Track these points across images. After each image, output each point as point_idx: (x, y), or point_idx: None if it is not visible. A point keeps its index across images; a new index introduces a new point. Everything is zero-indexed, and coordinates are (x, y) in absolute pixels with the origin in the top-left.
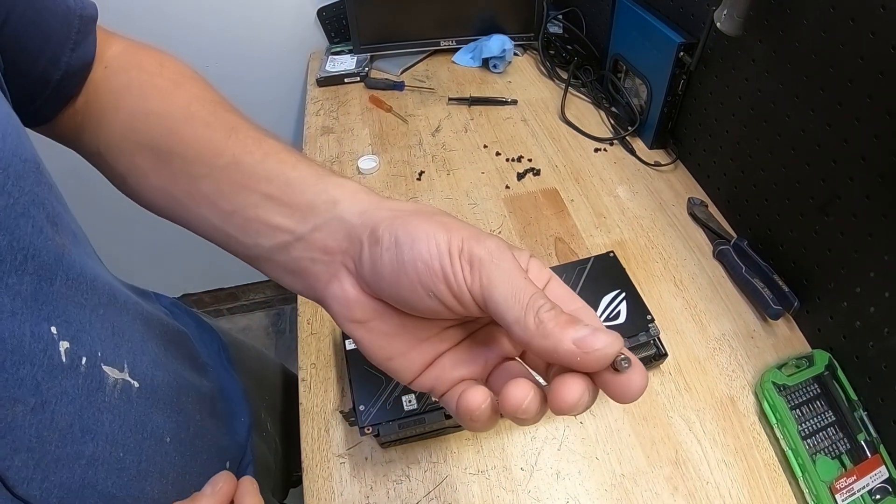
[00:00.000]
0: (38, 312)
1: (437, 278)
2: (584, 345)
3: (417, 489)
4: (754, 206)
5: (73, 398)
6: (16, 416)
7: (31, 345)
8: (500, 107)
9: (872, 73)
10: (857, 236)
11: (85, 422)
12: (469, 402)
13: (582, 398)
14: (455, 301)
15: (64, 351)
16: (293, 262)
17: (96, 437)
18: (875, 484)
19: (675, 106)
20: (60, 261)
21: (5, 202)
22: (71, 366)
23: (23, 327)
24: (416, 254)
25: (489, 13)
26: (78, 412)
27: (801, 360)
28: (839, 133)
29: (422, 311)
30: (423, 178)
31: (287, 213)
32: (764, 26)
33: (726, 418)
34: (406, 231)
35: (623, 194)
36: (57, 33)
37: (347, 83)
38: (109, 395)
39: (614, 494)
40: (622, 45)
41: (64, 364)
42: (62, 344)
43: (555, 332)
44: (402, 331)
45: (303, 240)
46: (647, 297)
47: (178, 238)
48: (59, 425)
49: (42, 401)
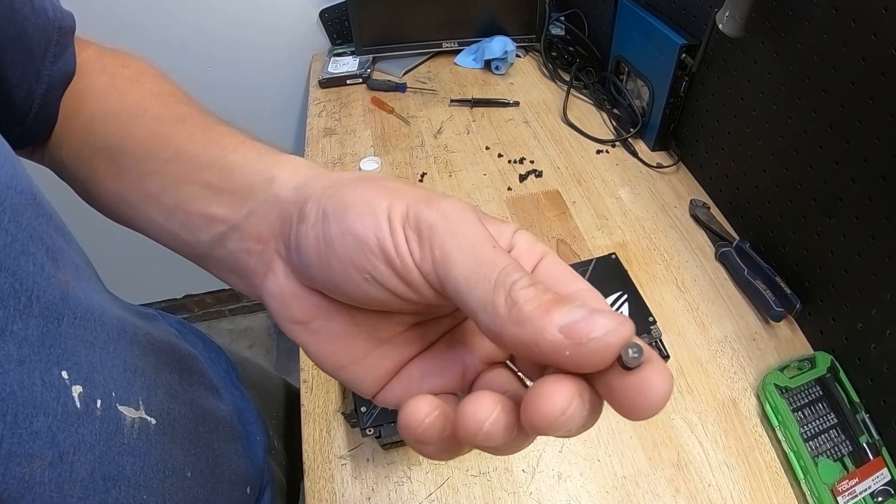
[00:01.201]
0: (48, 357)
1: (373, 255)
2: (574, 332)
3: (419, 491)
4: (756, 208)
5: (92, 445)
6: (34, 472)
7: (43, 394)
8: (502, 108)
9: (874, 74)
10: (859, 238)
11: (105, 469)
12: (408, 415)
13: (569, 409)
14: (402, 284)
15: (77, 396)
16: (231, 256)
17: (118, 483)
18: (877, 486)
19: (677, 108)
20: (66, 299)
21: (3, 241)
22: (86, 411)
23: (33, 376)
24: (346, 226)
25: (491, 15)
26: (98, 459)
27: (803, 362)
28: (841, 135)
29: (366, 303)
30: (425, 180)
31: (224, 200)
32: (766, 28)
33: (728, 420)
34: (337, 200)
35: (625, 196)
36: (38, 47)
37: (349, 84)
38: (128, 436)
39: (616, 496)
40: (624, 46)
41: (79, 410)
42: (75, 388)
43: (534, 317)
44: (355, 331)
45: (238, 229)
46: (648, 298)
47: None
48: (80, 476)
49: (59, 453)
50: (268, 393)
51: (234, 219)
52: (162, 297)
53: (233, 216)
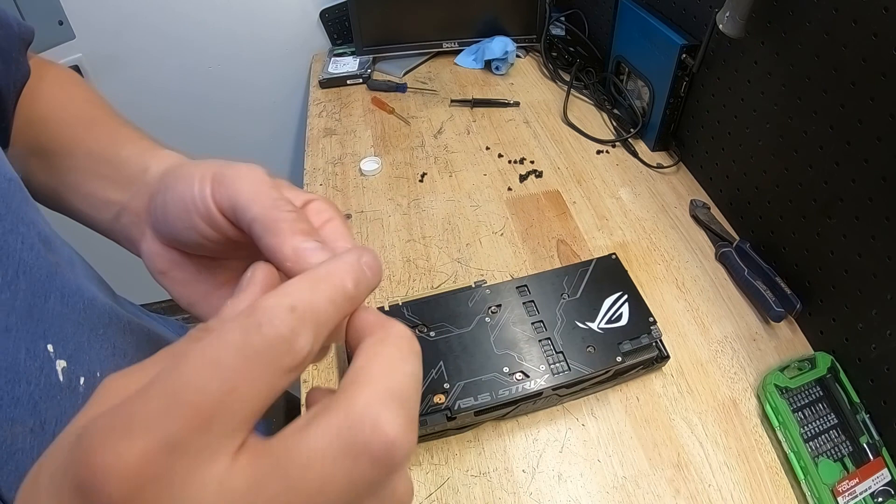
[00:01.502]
0: (34, 330)
1: (189, 210)
2: (299, 257)
3: (419, 491)
4: (756, 209)
5: None
6: (16, 437)
7: (27, 363)
8: (503, 109)
9: (875, 74)
10: (859, 238)
11: None
12: None
13: None
14: (210, 229)
15: (61, 370)
16: (124, 228)
17: None
18: (877, 487)
19: (678, 108)
20: (53, 278)
21: None
22: (69, 386)
23: (18, 344)
24: (176, 193)
25: (491, 15)
26: None
27: (804, 363)
28: (842, 135)
29: (194, 248)
30: (425, 180)
31: (117, 188)
32: (766, 28)
33: (728, 421)
34: (173, 177)
35: (625, 196)
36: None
37: (350, 85)
38: None
39: (616, 497)
40: (624, 46)
41: (62, 383)
42: (59, 363)
43: (283, 232)
44: (199, 277)
45: (126, 208)
46: (649, 299)
47: None
48: None
49: (41, 421)
50: None
51: (123, 201)
52: (162, 297)
53: (122, 199)
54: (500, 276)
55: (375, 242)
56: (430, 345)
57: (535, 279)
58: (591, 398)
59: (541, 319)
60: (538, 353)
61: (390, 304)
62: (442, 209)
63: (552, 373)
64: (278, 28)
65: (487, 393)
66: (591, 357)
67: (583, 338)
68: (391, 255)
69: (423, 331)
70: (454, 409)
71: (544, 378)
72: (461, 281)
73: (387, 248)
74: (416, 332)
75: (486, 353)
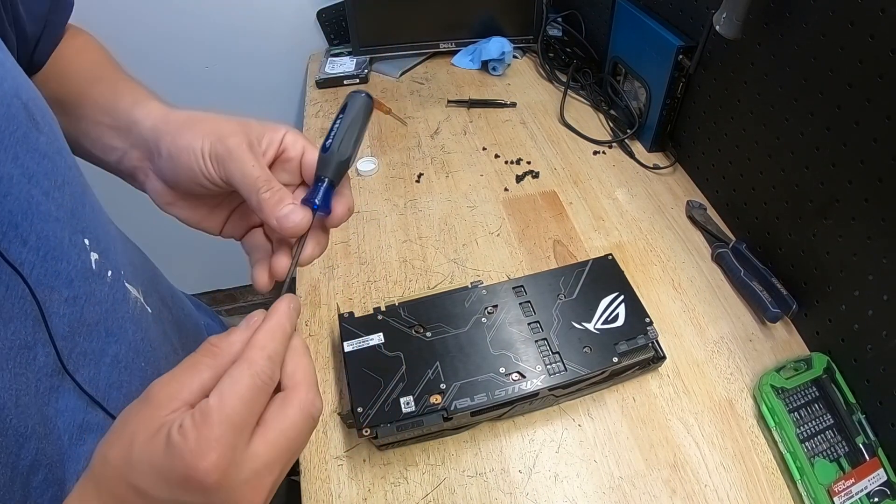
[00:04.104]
0: (76, 225)
1: (198, 176)
2: (282, 221)
3: (415, 491)
4: (753, 209)
5: (101, 301)
6: (52, 303)
7: (69, 248)
8: (500, 109)
9: (871, 76)
10: (855, 239)
11: (110, 325)
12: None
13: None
14: (214, 186)
15: (94, 261)
16: (126, 169)
17: (120, 341)
18: (873, 487)
19: (674, 109)
20: (86, 194)
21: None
22: (99, 273)
23: (63, 232)
24: (182, 164)
25: (488, 16)
26: (104, 315)
27: (800, 363)
28: (838, 136)
29: (202, 193)
30: (421, 181)
31: (116, 136)
32: (763, 30)
33: (725, 421)
34: (175, 145)
35: (622, 197)
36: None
37: (347, 85)
38: (132, 308)
39: (612, 497)
40: (621, 47)
41: (94, 271)
42: (93, 255)
43: (265, 210)
44: (201, 203)
45: (127, 153)
46: (645, 299)
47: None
48: (88, 321)
49: (74, 295)
50: None
51: (123, 147)
52: None
53: (122, 146)
54: (496, 277)
55: (372, 243)
56: (426, 345)
57: (532, 280)
58: (587, 399)
59: (537, 320)
60: (534, 354)
61: (387, 304)
62: (438, 210)
63: (548, 373)
64: (275, 27)
65: (484, 393)
66: (587, 357)
67: (579, 338)
68: (388, 255)
69: (419, 331)
70: (450, 410)
71: (541, 378)
72: (457, 281)
73: (383, 248)
74: (413, 332)
75: (482, 354)
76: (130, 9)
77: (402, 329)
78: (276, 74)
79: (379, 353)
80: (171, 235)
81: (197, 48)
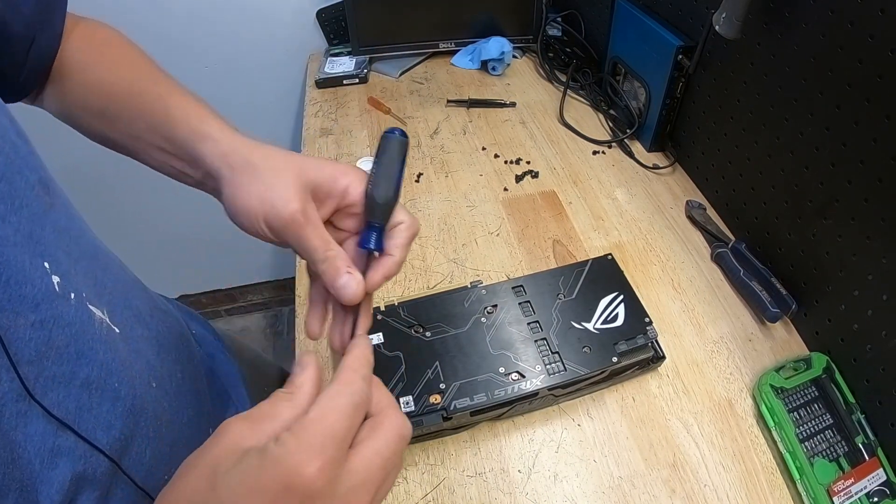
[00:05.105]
0: (34, 248)
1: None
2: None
3: (415, 491)
4: (752, 209)
5: (69, 323)
6: (17, 327)
7: (31, 271)
8: (499, 109)
9: (871, 76)
10: (855, 239)
11: (80, 346)
12: None
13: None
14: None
15: (56, 283)
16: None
17: (91, 362)
18: (873, 486)
19: (674, 109)
20: (48, 214)
21: (4, 160)
22: (63, 295)
23: (23, 256)
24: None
25: (488, 16)
26: (73, 336)
27: (799, 363)
28: (838, 136)
29: None
30: (421, 180)
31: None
32: (762, 30)
33: (724, 421)
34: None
35: (621, 197)
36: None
37: (346, 85)
38: (98, 329)
39: (612, 497)
40: (621, 47)
41: (58, 293)
42: (54, 277)
43: (324, 279)
44: None
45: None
46: (645, 299)
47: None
48: (57, 343)
49: (41, 319)
50: (261, 371)
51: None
52: None
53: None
54: (496, 277)
55: None
56: (426, 345)
57: (531, 279)
58: (587, 398)
59: (537, 320)
60: (534, 354)
61: (386, 304)
62: (438, 209)
63: (548, 373)
64: (275, 27)
65: (483, 393)
66: (586, 357)
67: (579, 338)
68: None
69: (419, 331)
70: (450, 410)
71: (540, 378)
72: (457, 281)
73: None
74: (413, 332)
75: (482, 354)
76: (129, 7)
77: (401, 329)
78: (276, 74)
79: (378, 353)
80: (172, 236)
81: (196, 48)
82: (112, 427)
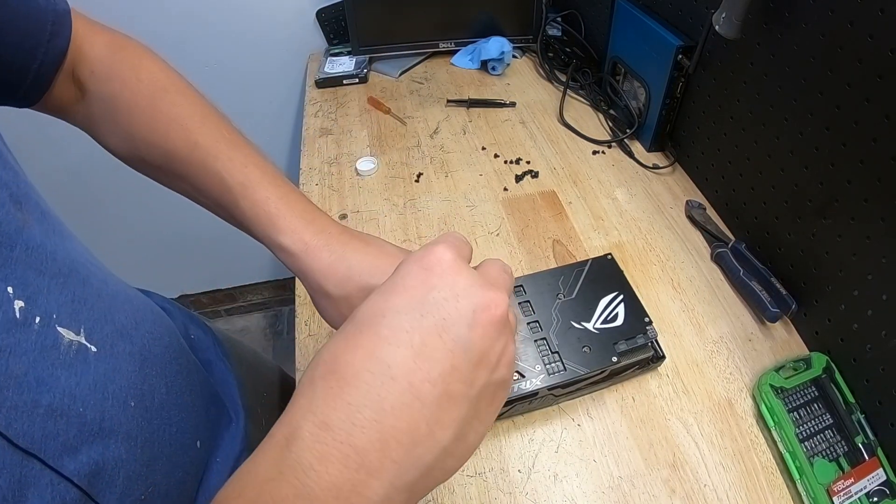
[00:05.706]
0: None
1: None
2: None
3: None
4: (752, 209)
5: (27, 351)
6: None
7: None
8: (499, 109)
9: (871, 76)
10: (855, 239)
11: (39, 374)
12: None
13: None
14: None
15: (18, 309)
16: None
17: (52, 389)
18: (873, 486)
19: (674, 109)
20: (21, 233)
21: None
22: (24, 322)
23: None
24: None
25: (488, 15)
26: (31, 364)
27: (799, 363)
28: (837, 136)
29: None
30: (421, 180)
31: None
32: (762, 29)
33: (724, 421)
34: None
35: (621, 197)
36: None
37: (346, 85)
38: (64, 354)
39: (612, 497)
40: (621, 47)
41: (17, 319)
42: (17, 303)
43: None
44: None
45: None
46: (644, 299)
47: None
48: (14, 373)
49: None
50: (260, 373)
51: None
52: None
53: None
54: None
55: None
56: None
57: (531, 279)
58: (586, 398)
59: (536, 319)
60: (534, 353)
61: None
62: (438, 209)
63: (548, 373)
64: (274, 27)
65: None
66: (586, 357)
67: (578, 338)
68: None
69: None
70: None
71: (540, 378)
72: None
73: None
74: None
75: None
76: (129, 7)
77: None
78: (276, 74)
79: None
80: (172, 236)
81: (195, 47)
82: (78, 452)
